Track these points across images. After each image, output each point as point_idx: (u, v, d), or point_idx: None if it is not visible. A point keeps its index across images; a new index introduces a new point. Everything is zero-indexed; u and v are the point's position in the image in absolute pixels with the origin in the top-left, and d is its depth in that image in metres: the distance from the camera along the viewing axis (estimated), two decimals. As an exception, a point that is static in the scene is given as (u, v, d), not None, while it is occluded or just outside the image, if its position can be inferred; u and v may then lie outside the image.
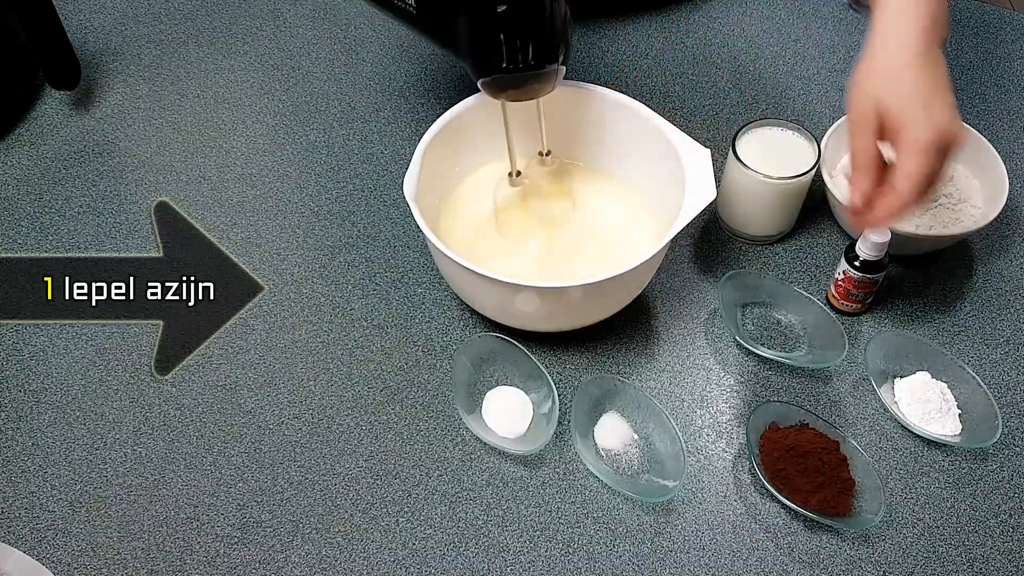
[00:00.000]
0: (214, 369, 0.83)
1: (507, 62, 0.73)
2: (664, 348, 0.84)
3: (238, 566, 0.73)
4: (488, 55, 0.74)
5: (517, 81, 0.75)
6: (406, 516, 0.75)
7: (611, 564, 0.72)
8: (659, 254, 0.76)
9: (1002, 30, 1.09)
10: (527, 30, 0.73)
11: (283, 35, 1.11)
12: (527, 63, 0.74)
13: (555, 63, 0.75)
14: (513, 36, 0.73)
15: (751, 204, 0.87)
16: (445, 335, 0.85)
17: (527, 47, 0.73)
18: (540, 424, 0.78)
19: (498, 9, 0.71)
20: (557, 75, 0.77)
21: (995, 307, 0.86)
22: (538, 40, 0.73)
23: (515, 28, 0.72)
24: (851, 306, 0.84)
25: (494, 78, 0.75)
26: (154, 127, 1.02)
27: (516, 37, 0.73)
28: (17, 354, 0.84)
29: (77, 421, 0.80)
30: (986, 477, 0.76)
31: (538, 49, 0.74)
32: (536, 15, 0.73)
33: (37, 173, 0.98)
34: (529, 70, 0.74)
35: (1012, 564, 0.72)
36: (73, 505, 0.76)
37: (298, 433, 0.79)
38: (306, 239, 0.92)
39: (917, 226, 0.86)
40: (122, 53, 1.09)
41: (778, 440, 0.75)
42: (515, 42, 0.73)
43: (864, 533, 0.73)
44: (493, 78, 0.75)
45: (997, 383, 0.81)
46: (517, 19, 0.72)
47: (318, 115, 1.02)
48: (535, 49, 0.73)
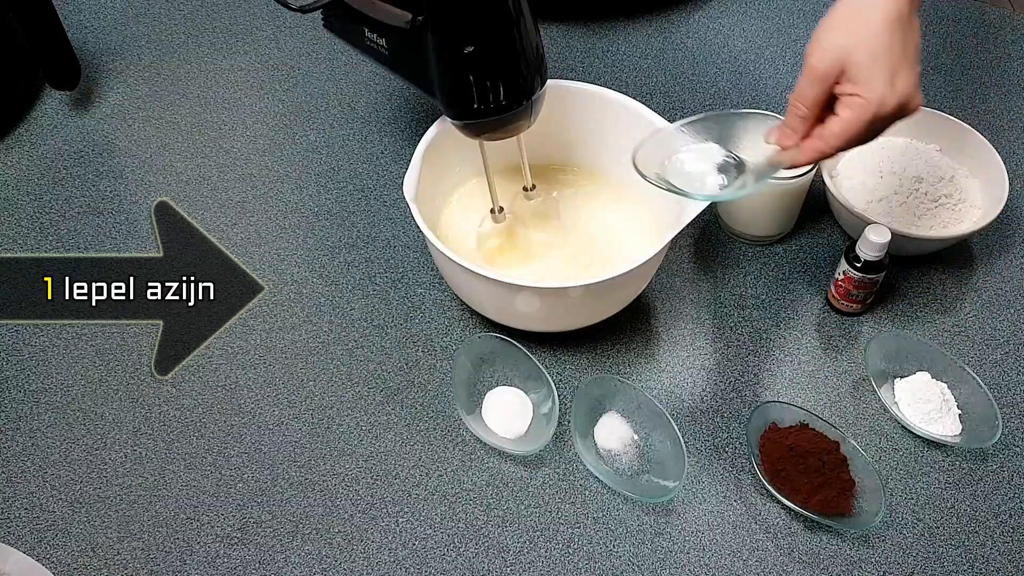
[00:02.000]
0: (214, 369, 0.83)
1: (478, 103, 0.71)
2: (664, 348, 0.84)
3: (238, 566, 0.73)
4: (459, 97, 0.71)
5: (495, 122, 0.73)
6: (406, 516, 0.75)
7: (611, 564, 0.72)
8: (659, 255, 0.76)
9: (1002, 30, 1.09)
10: (497, 69, 0.70)
11: (283, 35, 1.11)
12: (499, 104, 0.71)
13: (529, 99, 0.72)
14: (483, 77, 0.69)
15: (751, 204, 0.87)
16: (445, 335, 0.85)
17: (498, 87, 0.70)
18: (540, 424, 0.78)
19: (464, 51, 0.68)
20: (535, 108, 0.74)
21: (995, 307, 0.86)
22: (510, 78, 0.70)
23: (484, 68, 0.69)
24: (851, 306, 0.84)
25: (465, 123, 0.73)
26: (154, 127, 1.02)
27: (486, 78, 0.70)
28: (17, 354, 0.84)
29: (77, 421, 0.80)
30: (986, 477, 0.76)
31: (510, 87, 0.70)
32: (506, 53, 0.69)
33: (37, 173, 0.98)
34: (503, 111, 0.71)
35: (1012, 564, 0.72)
36: (73, 505, 0.76)
37: (298, 433, 0.79)
38: (306, 239, 0.92)
39: (917, 226, 0.86)
40: (122, 53, 1.09)
41: (778, 440, 0.75)
42: (485, 83, 0.70)
43: (864, 533, 0.73)
44: (465, 123, 0.73)
45: (997, 383, 0.81)
46: (486, 59, 0.69)
47: (318, 115, 1.02)
48: (507, 88, 0.70)
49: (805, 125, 0.68)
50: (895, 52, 0.65)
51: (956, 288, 0.87)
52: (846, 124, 0.65)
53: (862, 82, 0.64)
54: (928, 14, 1.11)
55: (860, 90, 0.65)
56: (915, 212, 0.87)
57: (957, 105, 1.00)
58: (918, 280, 0.88)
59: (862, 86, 0.64)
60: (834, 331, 0.85)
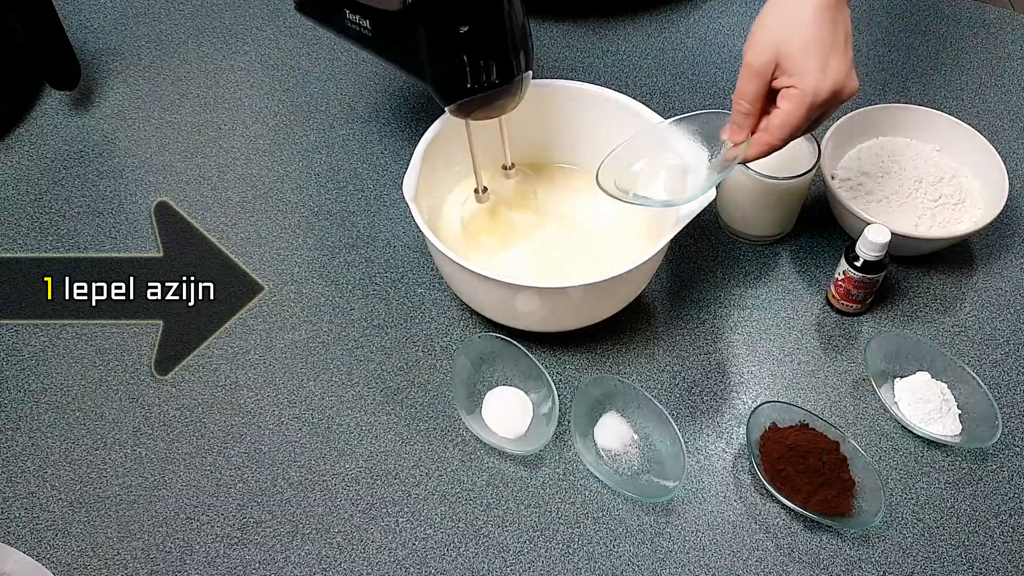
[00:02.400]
0: (214, 369, 0.83)
1: (472, 82, 0.71)
2: (664, 348, 0.84)
3: (238, 566, 0.73)
4: (452, 78, 0.71)
5: (485, 100, 0.73)
6: (406, 516, 0.75)
7: (611, 564, 0.72)
8: (659, 254, 0.76)
9: (1002, 30, 1.09)
10: (490, 47, 0.70)
11: (283, 35, 1.11)
12: (491, 81, 0.71)
13: (519, 75, 0.73)
14: (476, 56, 0.70)
15: (751, 204, 0.87)
16: (445, 335, 0.85)
17: (490, 65, 0.71)
18: (540, 424, 0.78)
19: (460, 30, 0.69)
20: (523, 86, 0.74)
21: (995, 307, 0.86)
22: (502, 55, 0.71)
23: (478, 47, 0.70)
24: (851, 306, 0.84)
25: (459, 103, 0.73)
26: (154, 127, 1.02)
27: (480, 57, 0.70)
28: (17, 354, 0.84)
29: (77, 421, 0.80)
30: (986, 477, 0.76)
31: (503, 64, 0.71)
32: (497, 30, 0.70)
33: (37, 173, 0.98)
34: (495, 87, 0.72)
35: (1012, 564, 0.72)
36: (73, 505, 0.76)
37: (298, 433, 0.79)
38: (306, 239, 0.92)
39: (917, 226, 0.86)
40: (122, 53, 1.09)
41: (778, 440, 0.75)
42: (479, 62, 0.70)
43: (864, 533, 0.73)
44: (459, 103, 0.73)
45: (997, 383, 0.81)
46: (479, 38, 0.69)
47: (318, 115, 1.02)
48: (500, 65, 0.71)
49: (750, 121, 0.71)
50: (825, 41, 0.67)
51: (956, 288, 0.87)
52: (786, 116, 0.68)
53: (796, 73, 0.67)
54: (928, 14, 1.11)
55: (795, 81, 0.67)
56: (915, 212, 0.87)
57: (957, 105, 1.00)
58: (918, 280, 0.88)
59: (796, 77, 0.67)
60: (834, 331, 0.85)
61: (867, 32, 1.09)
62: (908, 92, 1.02)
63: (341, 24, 0.79)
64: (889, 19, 1.10)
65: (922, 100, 0.95)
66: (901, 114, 0.92)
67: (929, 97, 1.01)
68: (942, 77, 1.05)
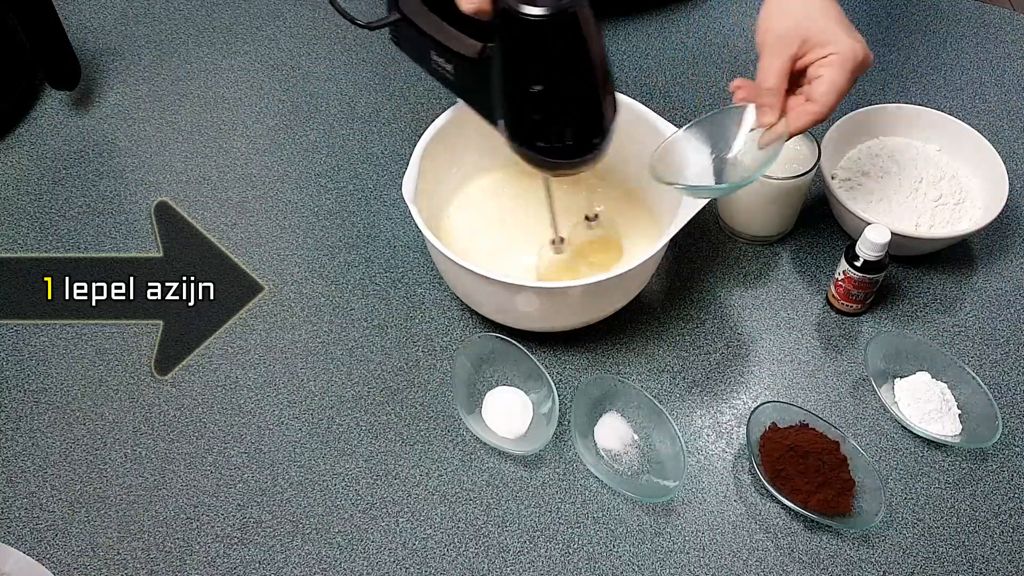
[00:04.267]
0: (214, 369, 0.83)
1: (543, 142, 0.67)
2: (664, 348, 0.84)
3: (238, 566, 0.73)
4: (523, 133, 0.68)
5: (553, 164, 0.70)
6: (406, 516, 0.75)
7: (611, 564, 0.72)
8: (658, 254, 0.76)
9: (1002, 30, 1.09)
10: (565, 113, 0.66)
11: (283, 35, 1.11)
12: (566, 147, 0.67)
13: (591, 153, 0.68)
14: (549, 118, 0.66)
15: (751, 204, 0.87)
16: (445, 335, 0.85)
17: (564, 131, 0.66)
18: (540, 424, 0.78)
19: (531, 89, 0.64)
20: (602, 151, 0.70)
21: (995, 307, 0.86)
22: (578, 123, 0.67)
23: (551, 110, 0.66)
24: (851, 306, 0.84)
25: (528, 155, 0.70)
26: (154, 127, 1.02)
27: (552, 119, 0.66)
28: (17, 354, 0.84)
29: (77, 421, 0.80)
30: (986, 477, 0.76)
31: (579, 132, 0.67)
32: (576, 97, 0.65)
33: (37, 173, 0.98)
34: (568, 155, 0.68)
35: (1012, 564, 0.72)
36: (73, 505, 0.76)
37: (298, 433, 0.79)
38: (306, 239, 0.92)
39: (917, 226, 0.86)
40: (122, 53, 1.09)
41: (778, 440, 0.75)
42: (551, 124, 0.66)
43: (864, 533, 0.73)
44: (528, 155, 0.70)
45: (997, 383, 0.80)
46: (554, 100, 0.65)
47: (318, 115, 1.02)
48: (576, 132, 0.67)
49: (778, 98, 0.73)
50: (840, 19, 0.73)
51: (956, 288, 0.87)
52: (830, 82, 0.71)
53: (829, 42, 0.71)
54: (928, 14, 1.11)
55: (831, 48, 0.71)
56: (915, 212, 0.87)
57: (957, 105, 1.00)
58: (918, 280, 0.88)
59: (831, 45, 0.71)
60: (834, 331, 0.85)
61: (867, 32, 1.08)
62: (908, 92, 1.02)
63: (428, 64, 0.76)
64: (889, 19, 1.10)
65: (922, 100, 0.95)
66: (901, 114, 0.92)
67: (929, 97, 1.01)
68: (942, 77, 1.05)
